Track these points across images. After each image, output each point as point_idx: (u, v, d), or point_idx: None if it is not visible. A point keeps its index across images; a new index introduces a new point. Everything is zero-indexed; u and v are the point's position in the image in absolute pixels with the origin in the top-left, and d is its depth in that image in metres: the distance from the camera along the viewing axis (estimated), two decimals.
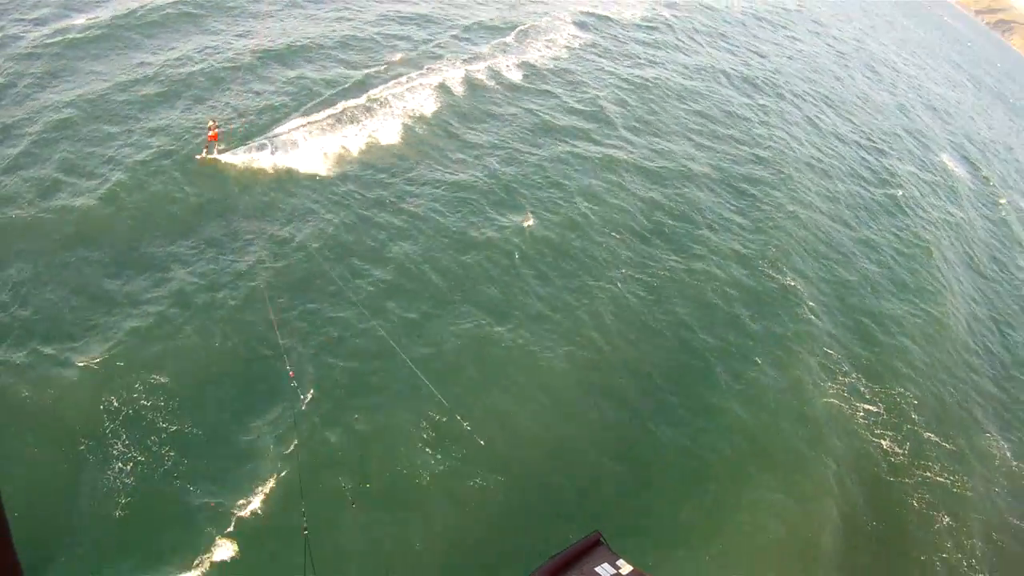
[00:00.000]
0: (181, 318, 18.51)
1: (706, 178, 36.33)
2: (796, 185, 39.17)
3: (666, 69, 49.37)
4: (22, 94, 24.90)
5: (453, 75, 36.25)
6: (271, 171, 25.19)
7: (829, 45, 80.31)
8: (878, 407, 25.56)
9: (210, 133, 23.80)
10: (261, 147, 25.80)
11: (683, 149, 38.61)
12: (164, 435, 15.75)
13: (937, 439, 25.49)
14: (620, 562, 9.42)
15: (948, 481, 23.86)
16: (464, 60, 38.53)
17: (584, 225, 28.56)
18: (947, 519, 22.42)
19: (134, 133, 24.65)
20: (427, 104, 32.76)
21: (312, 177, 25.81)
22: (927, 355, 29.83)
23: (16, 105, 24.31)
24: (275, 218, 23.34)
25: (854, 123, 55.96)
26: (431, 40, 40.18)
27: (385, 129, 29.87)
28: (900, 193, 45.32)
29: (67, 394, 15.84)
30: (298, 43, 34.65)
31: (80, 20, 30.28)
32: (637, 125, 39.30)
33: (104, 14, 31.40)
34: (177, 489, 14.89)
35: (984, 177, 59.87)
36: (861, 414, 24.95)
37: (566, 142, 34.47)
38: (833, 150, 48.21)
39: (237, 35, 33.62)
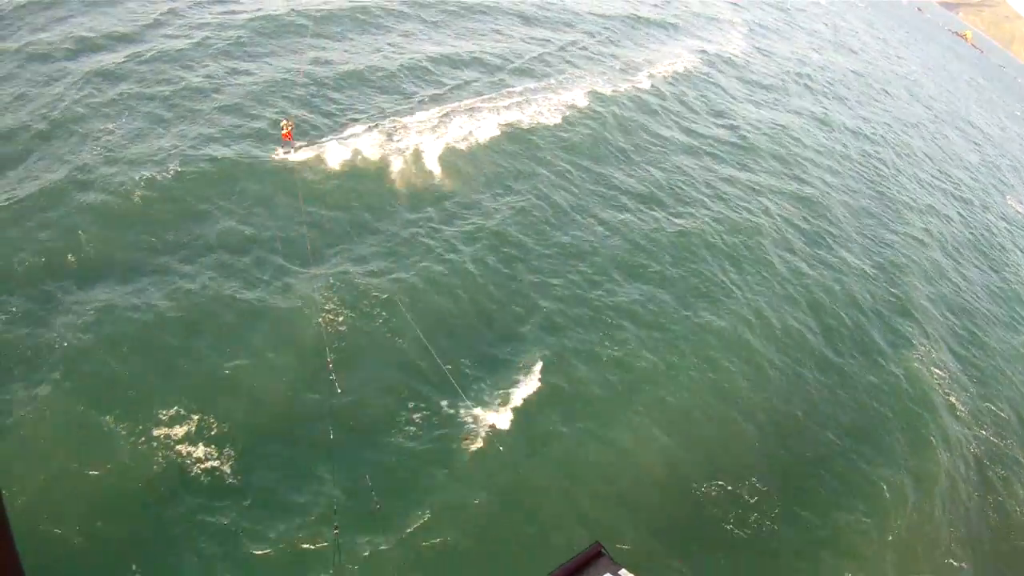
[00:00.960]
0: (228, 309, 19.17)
1: None
2: None
3: None
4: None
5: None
6: (338, 168, 25.95)
7: None
8: None
9: (284, 132, 25.11)
10: (333, 146, 26.70)
11: None
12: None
13: None
14: (622, 572, 9.24)
15: None
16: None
17: None
18: None
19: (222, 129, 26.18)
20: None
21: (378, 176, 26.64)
22: None
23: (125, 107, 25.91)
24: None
25: None
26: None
27: (455, 145, 29.91)
28: None
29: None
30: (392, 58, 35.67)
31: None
32: None
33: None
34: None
35: None
36: None
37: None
38: None
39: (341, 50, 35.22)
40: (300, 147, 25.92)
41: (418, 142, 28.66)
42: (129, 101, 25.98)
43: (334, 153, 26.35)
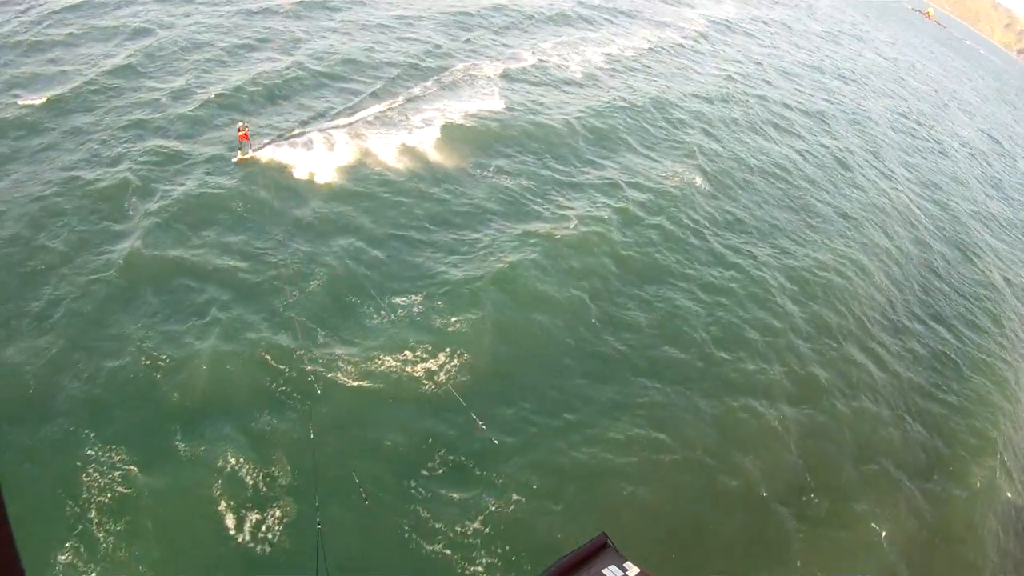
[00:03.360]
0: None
1: None
2: None
3: None
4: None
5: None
6: (299, 168, 25.48)
7: None
8: None
9: (240, 134, 24.84)
10: (292, 144, 26.40)
11: None
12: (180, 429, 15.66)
13: None
14: (627, 564, 9.35)
15: None
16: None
17: None
18: None
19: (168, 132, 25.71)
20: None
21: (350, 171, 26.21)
22: None
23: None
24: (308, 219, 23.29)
25: None
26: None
27: (418, 133, 29.55)
28: None
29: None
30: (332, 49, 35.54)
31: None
32: None
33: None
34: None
35: None
36: None
37: None
38: None
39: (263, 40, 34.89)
40: (259, 148, 25.65)
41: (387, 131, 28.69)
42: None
43: (290, 153, 25.87)
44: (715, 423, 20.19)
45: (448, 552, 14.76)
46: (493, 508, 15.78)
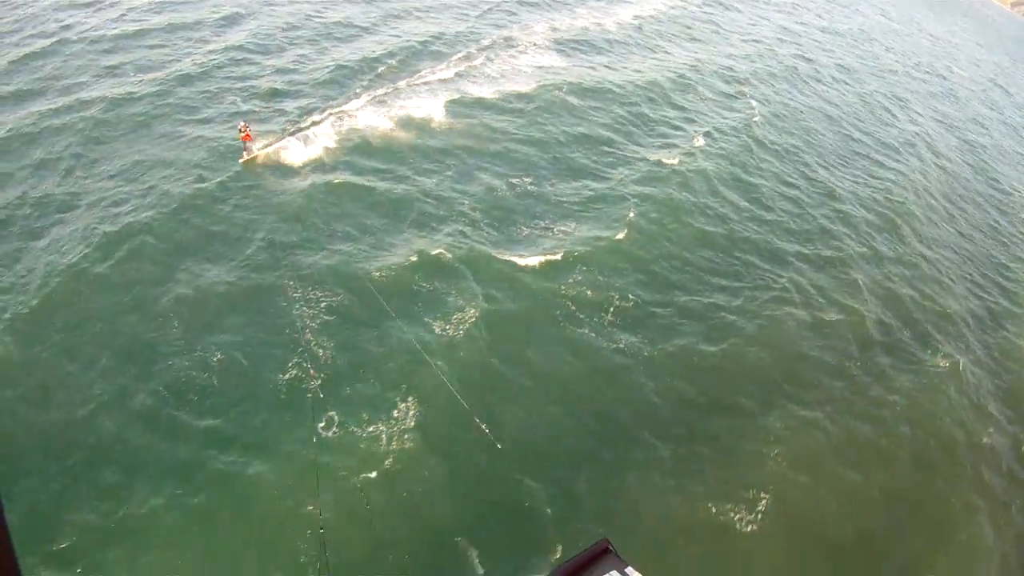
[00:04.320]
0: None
1: None
2: None
3: None
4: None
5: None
6: (303, 162, 25.87)
7: None
8: None
9: (242, 135, 24.53)
10: (297, 139, 26.39)
11: None
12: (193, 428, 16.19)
13: None
14: (629, 570, 9.12)
15: None
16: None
17: None
18: None
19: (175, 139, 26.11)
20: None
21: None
22: None
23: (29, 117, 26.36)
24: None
25: None
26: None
27: (416, 112, 30.06)
28: None
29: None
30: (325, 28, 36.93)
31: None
32: None
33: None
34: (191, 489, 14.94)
35: None
36: None
37: None
38: None
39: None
40: (264, 147, 25.67)
41: (375, 118, 29.13)
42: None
43: (296, 149, 26.12)
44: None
45: None
46: None
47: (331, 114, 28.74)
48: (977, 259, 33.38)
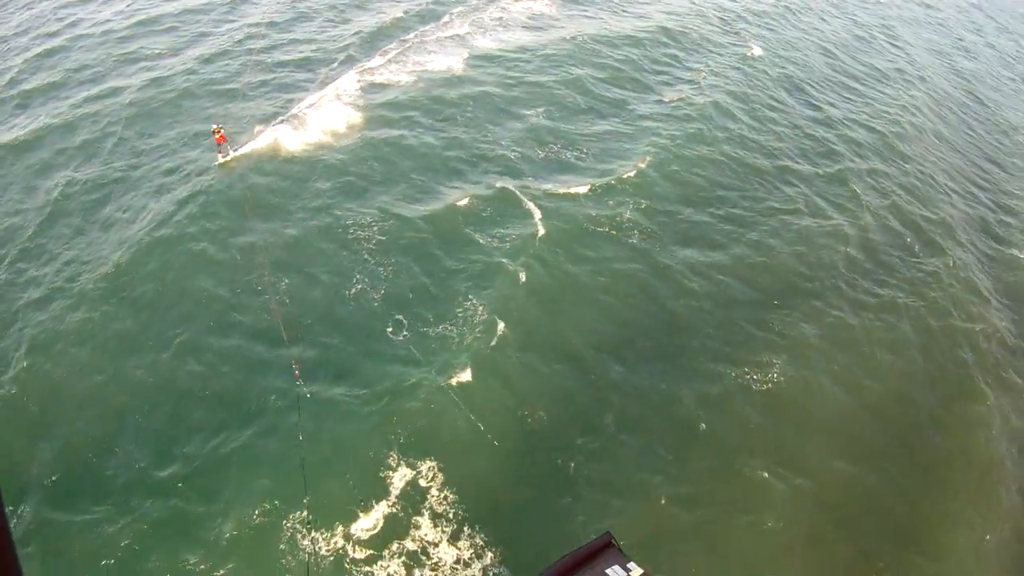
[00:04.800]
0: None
1: None
2: None
3: None
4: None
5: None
6: (282, 154, 26.03)
7: None
8: None
9: (216, 137, 24.46)
10: (269, 134, 26.39)
11: None
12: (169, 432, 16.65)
13: None
14: (631, 565, 9.32)
15: None
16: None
17: None
18: None
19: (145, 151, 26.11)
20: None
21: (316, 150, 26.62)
22: None
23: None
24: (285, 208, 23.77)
25: None
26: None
27: (383, 97, 29.88)
28: None
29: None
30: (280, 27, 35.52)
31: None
32: None
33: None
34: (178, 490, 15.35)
35: None
36: None
37: None
38: None
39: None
40: (238, 147, 25.53)
41: (344, 108, 28.89)
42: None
43: (273, 143, 26.20)
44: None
45: None
46: None
47: (308, 105, 28.74)
48: (966, 172, 35.81)
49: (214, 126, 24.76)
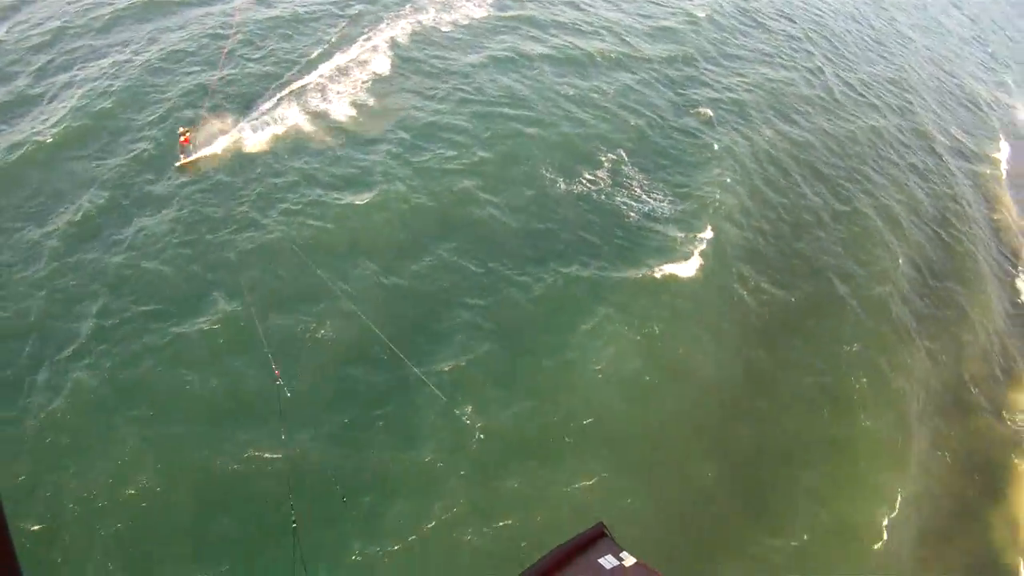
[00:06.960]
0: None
1: None
2: None
3: None
4: None
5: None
6: (245, 155, 25.61)
7: None
8: None
9: (181, 139, 24.41)
10: (233, 135, 26.20)
11: None
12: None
13: None
14: (624, 554, 9.30)
15: None
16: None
17: None
18: None
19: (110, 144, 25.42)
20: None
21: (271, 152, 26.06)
22: None
23: None
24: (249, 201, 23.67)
25: None
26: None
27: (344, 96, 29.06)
28: None
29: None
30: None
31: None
32: None
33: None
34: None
35: None
36: None
37: None
38: None
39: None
40: (201, 148, 25.34)
41: (320, 99, 28.48)
42: None
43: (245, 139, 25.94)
44: None
45: None
46: None
47: (267, 109, 27.77)
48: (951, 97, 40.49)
49: (181, 129, 24.59)
